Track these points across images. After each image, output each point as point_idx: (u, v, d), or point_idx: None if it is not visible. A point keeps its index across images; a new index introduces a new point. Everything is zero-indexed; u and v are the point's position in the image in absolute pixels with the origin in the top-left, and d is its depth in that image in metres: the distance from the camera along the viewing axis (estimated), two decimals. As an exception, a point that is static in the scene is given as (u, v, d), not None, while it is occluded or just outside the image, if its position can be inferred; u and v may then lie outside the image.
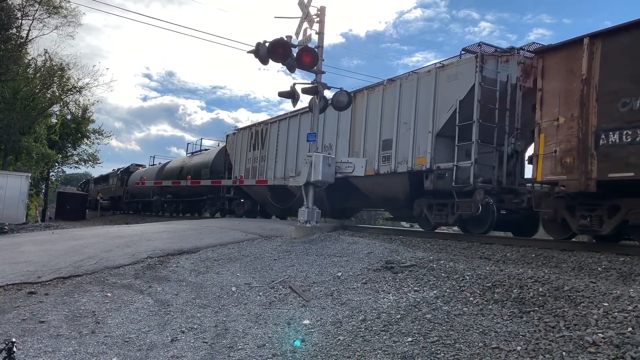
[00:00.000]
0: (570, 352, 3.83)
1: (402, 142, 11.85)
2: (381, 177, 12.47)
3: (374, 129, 12.73)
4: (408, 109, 11.77)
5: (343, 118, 13.74)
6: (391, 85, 12.54)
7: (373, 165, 12.46)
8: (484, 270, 6.17)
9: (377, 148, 12.54)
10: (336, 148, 13.99)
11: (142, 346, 4.78)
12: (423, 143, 11.28)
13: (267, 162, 17.69)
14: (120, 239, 10.35)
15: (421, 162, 11.24)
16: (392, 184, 12.29)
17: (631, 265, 6.25)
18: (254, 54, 10.64)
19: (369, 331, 4.73)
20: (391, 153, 12.10)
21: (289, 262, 8.01)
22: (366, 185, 13.18)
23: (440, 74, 11.07)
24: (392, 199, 12.72)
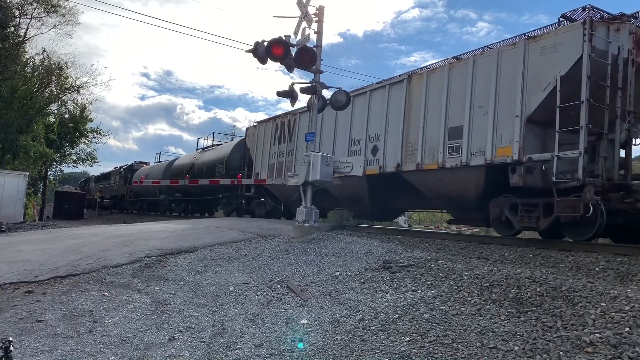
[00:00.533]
0: (568, 352, 3.83)
1: (477, 129, 10.08)
2: (446, 171, 10.74)
3: (437, 116, 11.04)
4: (485, 90, 10.00)
5: (394, 105, 12.27)
6: (459, 64, 10.82)
7: (435, 158, 10.88)
8: (481, 270, 6.17)
9: (442, 137, 10.82)
10: (385, 139, 12.36)
11: (139, 345, 4.77)
12: (507, 130, 9.47)
13: (295, 156, 15.62)
14: (118, 238, 10.34)
15: (505, 153, 9.44)
16: (461, 180, 10.58)
17: (629, 265, 6.26)
18: (252, 53, 10.62)
19: (366, 331, 4.73)
20: (461, 143, 10.37)
21: (287, 262, 8.00)
22: (425, 181, 11.53)
23: (531, 47, 9.33)
24: (458, 197, 10.93)
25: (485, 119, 9.93)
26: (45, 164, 39.11)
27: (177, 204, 27.19)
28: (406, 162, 11.74)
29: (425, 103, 11.46)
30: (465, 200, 10.76)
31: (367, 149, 12.92)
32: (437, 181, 11.20)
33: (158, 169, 30.48)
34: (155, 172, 30.46)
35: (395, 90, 12.42)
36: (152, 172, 30.93)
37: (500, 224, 9.91)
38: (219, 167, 21.65)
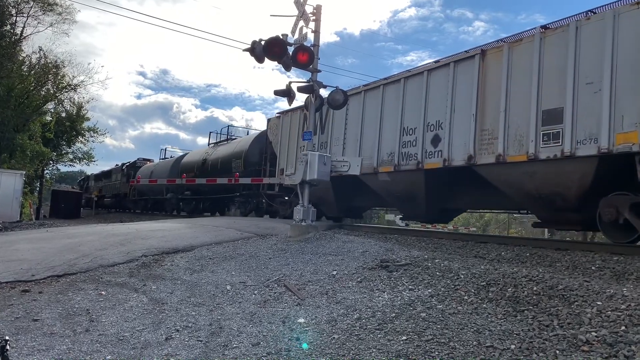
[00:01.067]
0: (564, 350, 3.84)
1: (585, 111, 8.24)
2: (539, 164, 8.87)
3: (524, 96, 9.22)
4: (594, 62, 8.21)
5: (462, 86, 10.44)
6: (554, 34, 8.97)
7: (524, 148, 9.07)
8: (478, 269, 6.18)
9: (533, 122, 8.99)
10: (451, 126, 10.49)
11: (136, 344, 4.77)
12: (631, 111, 7.65)
13: (330, 149, 14.01)
14: (114, 237, 10.32)
15: (628, 140, 7.59)
16: (559, 174, 8.65)
17: (625, 264, 6.28)
18: (249, 52, 10.62)
19: (363, 330, 4.74)
20: (561, 128, 8.51)
21: (284, 261, 8.01)
22: (506, 176, 9.63)
23: None
24: (552, 195, 8.93)
25: (596, 98, 8.11)
26: (42, 163, 39.00)
27: (186, 203, 25.61)
28: (481, 153, 9.91)
29: (507, 82, 9.58)
30: (561, 199, 8.80)
31: (425, 139, 11.08)
32: (524, 176, 9.23)
33: (164, 166, 28.93)
34: (161, 169, 28.93)
35: (462, 68, 10.53)
36: (157, 170, 29.43)
37: (615, 228, 8.12)
38: (236, 163, 19.80)
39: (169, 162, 28.97)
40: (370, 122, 12.75)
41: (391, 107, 12.17)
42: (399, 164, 11.63)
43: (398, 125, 11.82)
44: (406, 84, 11.75)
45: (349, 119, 13.58)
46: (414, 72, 11.81)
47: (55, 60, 34.56)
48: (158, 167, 30.19)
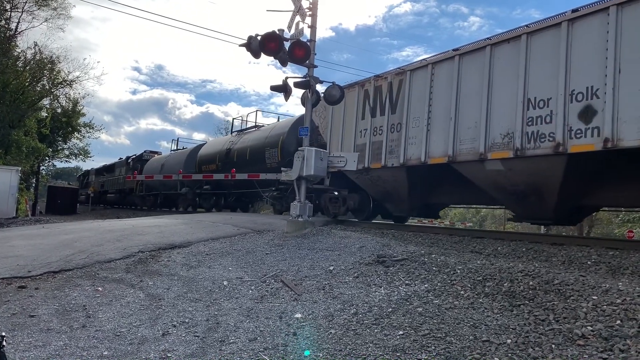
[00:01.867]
0: (560, 344, 3.86)
1: None
2: None
3: None
4: None
5: (630, 36, 7.47)
6: None
7: None
8: (475, 264, 6.20)
9: None
10: (613, 93, 7.53)
11: (133, 340, 4.76)
12: None
13: (405, 131, 11.00)
14: (111, 233, 10.30)
15: None
16: None
17: (620, 259, 6.30)
18: (245, 48, 10.59)
19: (360, 325, 4.75)
20: None
21: (281, 256, 8.01)
22: None
23: None
24: None
25: None
26: (38, 159, 38.86)
27: (205, 199, 22.84)
28: None
29: None
30: None
31: (567, 112, 8.15)
32: None
33: (177, 158, 26.30)
34: (173, 161, 26.23)
35: (631, 12, 7.63)
36: (169, 162, 26.75)
37: None
38: (270, 153, 17.00)
39: (182, 154, 26.39)
40: (471, 95, 9.80)
41: (506, 74, 9.28)
42: (522, 147, 8.67)
43: (519, 96, 8.91)
44: (530, 42, 8.90)
45: (435, 92, 10.44)
46: (543, 25, 8.84)
47: (51, 55, 34.43)
48: (170, 159, 27.53)
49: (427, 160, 10.32)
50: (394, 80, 11.55)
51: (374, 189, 12.30)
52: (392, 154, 11.32)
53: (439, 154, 10.19)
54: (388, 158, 11.40)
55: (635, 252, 6.57)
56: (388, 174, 11.52)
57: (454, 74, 10.09)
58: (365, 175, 12.15)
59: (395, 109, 11.42)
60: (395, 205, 12.30)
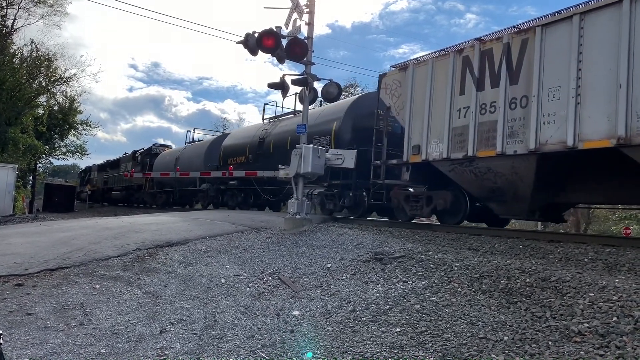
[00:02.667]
0: (556, 341, 3.87)
1: None
2: None
3: None
4: None
5: None
6: None
7: None
8: (472, 261, 6.21)
9: None
10: None
11: (130, 338, 4.76)
12: None
13: (536, 107, 8.34)
14: (108, 230, 10.29)
15: None
16: None
17: (617, 256, 6.32)
18: (243, 45, 10.57)
19: (357, 322, 4.76)
20: None
21: (279, 254, 8.01)
22: None
23: None
24: None
25: None
26: (35, 157, 38.76)
27: (232, 196, 19.60)
28: None
29: None
30: None
31: None
32: None
33: (195, 151, 23.46)
34: (191, 154, 23.50)
35: None
36: (185, 156, 23.94)
37: None
38: (320, 142, 13.93)
39: (202, 146, 23.39)
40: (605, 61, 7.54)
41: None
42: None
43: None
44: None
45: (587, 52, 7.83)
46: None
47: (47, 52, 34.30)
48: (187, 152, 24.48)
49: (577, 145, 7.73)
50: (514, 41, 8.94)
51: (477, 184, 9.55)
52: (514, 138, 8.68)
53: (598, 135, 7.50)
54: (507, 143, 8.76)
55: (632, 249, 6.59)
56: (505, 164, 8.87)
57: (622, 24, 7.37)
58: (467, 167, 9.46)
59: (517, 78, 8.80)
60: (507, 205, 9.41)
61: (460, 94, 9.72)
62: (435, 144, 10.15)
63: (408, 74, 11.02)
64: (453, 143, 9.68)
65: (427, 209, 10.74)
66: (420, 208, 10.96)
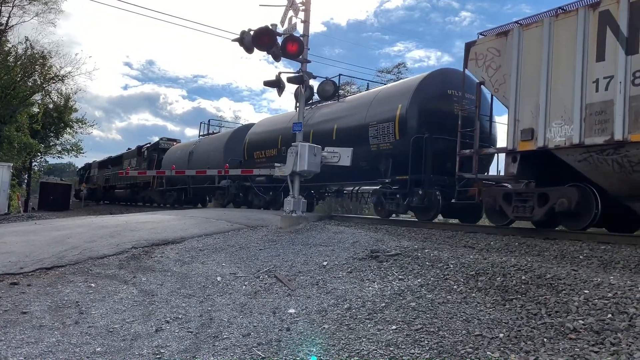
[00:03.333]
0: (552, 338, 3.88)
1: None
2: None
3: None
4: None
5: None
6: None
7: None
8: (467, 258, 6.22)
9: None
10: None
11: (126, 336, 4.75)
12: None
13: None
14: (104, 229, 10.26)
15: None
16: None
17: (612, 253, 6.35)
18: (238, 43, 10.56)
19: (353, 319, 4.76)
20: None
21: (275, 252, 8.01)
22: None
23: None
24: None
25: None
26: (30, 155, 38.60)
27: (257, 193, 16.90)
28: None
29: None
30: None
31: None
32: None
33: (212, 144, 21.02)
34: (207, 147, 21.18)
35: None
36: (201, 150, 21.63)
37: None
38: (379, 129, 12.02)
39: (221, 138, 21.07)
40: None
41: None
42: None
43: None
44: None
45: None
46: None
47: (42, 50, 34.16)
48: (202, 145, 22.14)
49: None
50: None
51: (622, 178, 7.34)
52: None
53: None
54: None
55: (627, 247, 6.62)
56: None
57: None
58: (609, 156, 7.31)
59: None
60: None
61: (599, 60, 7.44)
62: (559, 127, 7.83)
63: (512, 39, 8.68)
64: (588, 125, 7.42)
65: (539, 210, 8.31)
66: (529, 210, 8.48)
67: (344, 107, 13.99)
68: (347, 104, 13.99)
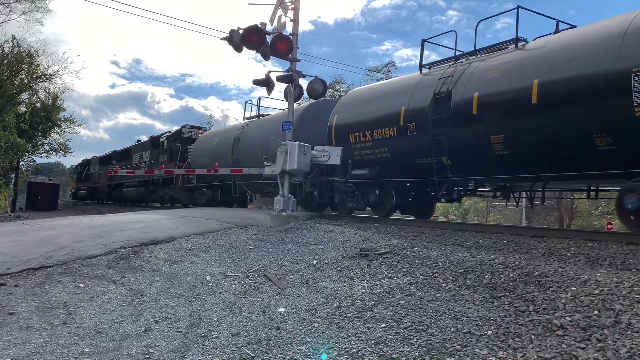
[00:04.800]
0: (539, 335, 3.92)
1: None
2: None
3: None
4: None
5: None
6: None
7: None
8: (456, 256, 6.25)
9: None
10: None
11: (114, 336, 4.73)
12: None
13: None
14: (92, 229, 10.19)
15: None
16: None
17: (599, 250, 6.41)
18: (227, 41, 10.52)
19: (343, 318, 4.77)
20: None
21: (265, 251, 8.00)
22: None
23: None
24: None
25: None
26: (17, 155, 38.17)
27: (354, 191, 12.28)
28: None
29: None
30: None
31: None
32: None
33: (269, 127, 15.78)
34: (261, 131, 16.29)
35: None
36: (250, 134, 16.81)
37: None
38: None
39: (271, 122, 16.20)
40: None
41: None
42: None
43: None
44: None
45: None
46: None
47: (29, 49, 33.74)
48: (253, 129, 17.07)
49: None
50: None
51: None
52: None
53: None
54: None
55: (613, 244, 6.68)
56: None
57: None
58: None
59: None
60: None
61: None
62: None
63: None
64: None
65: None
66: None
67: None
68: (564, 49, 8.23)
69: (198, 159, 19.89)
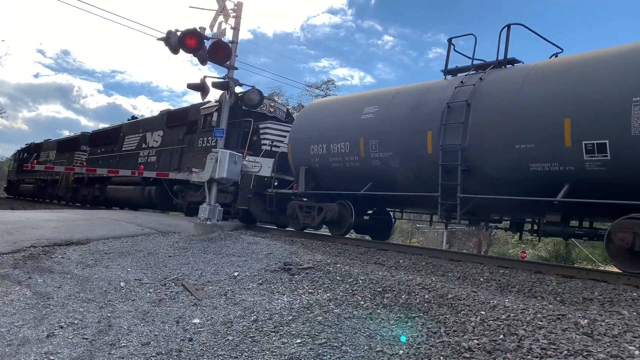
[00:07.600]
0: (447, 356, 4.03)
1: None
2: None
3: None
4: None
5: None
6: None
7: None
8: (377, 275, 6.35)
9: None
10: None
11: (12, 341, 4.43)
12: None
13: None
14: (1, 225, 9.55)
15: None
16: None
17: (509, 277, 6.72)
18: (164, 42, 10.27)
19: (259, 332, 4.71)
20: None
21: (185, 260, 7.79)
22: None
23: None
24: None
25: None
26: None
27: None
28: None
29: None
30: None
31: None
32: None
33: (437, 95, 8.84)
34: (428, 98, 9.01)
35: None
36: (395, 113, 9.43)
37: None
38: None
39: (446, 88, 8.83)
40: None
41: None
42: None
43: None
44: None
45: None
46: None
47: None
48: (399, 101, 9.62)
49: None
50: None
51: None
52: None
53: None
54: None
55: (523, 272, 7.04)
56: None
57: None
58: None
59: None
60: None
61: None
62: None
63: None
64: None
65: None
66: None
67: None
68: None
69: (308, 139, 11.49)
